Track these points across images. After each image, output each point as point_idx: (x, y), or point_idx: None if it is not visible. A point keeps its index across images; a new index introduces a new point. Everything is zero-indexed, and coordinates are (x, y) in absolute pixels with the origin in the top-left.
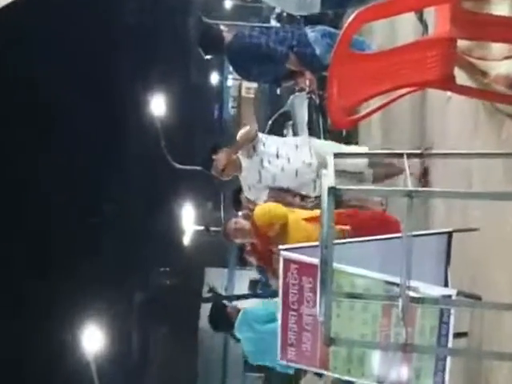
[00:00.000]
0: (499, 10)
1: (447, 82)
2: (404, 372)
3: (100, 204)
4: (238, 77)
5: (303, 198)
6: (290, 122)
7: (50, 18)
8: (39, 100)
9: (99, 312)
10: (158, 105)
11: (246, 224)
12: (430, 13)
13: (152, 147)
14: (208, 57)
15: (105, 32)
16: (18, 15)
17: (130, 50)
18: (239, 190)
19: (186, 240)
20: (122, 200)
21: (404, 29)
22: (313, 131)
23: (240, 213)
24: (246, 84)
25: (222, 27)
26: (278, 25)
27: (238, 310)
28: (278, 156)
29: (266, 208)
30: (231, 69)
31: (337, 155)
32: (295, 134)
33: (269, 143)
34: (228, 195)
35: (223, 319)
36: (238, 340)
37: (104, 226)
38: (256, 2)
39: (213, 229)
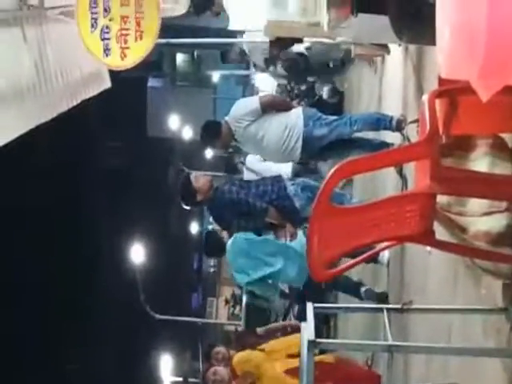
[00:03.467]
0: (478, 166)
1: (426, 237)
2: None
3: (77, 351)
4: (218, 227)
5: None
6: None
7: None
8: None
9: None
10: (136, 255)
11: (225, 374)
12: (409, 167)
13: (130, 297)
14: (188, 207)
15: (83, 179)
16: None
17: (107, 198)
18: (212, 346)
19: None
20: (100, 349)
21: (384, 182)
22: None
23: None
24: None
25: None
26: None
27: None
28: None
29: (245, 357)
30: (211, 219)
31: (316, 307)
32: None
33: None
34: (205, 347)
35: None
36: None
37: (80, 375)
38: (237, 153)
39: (191, 380)
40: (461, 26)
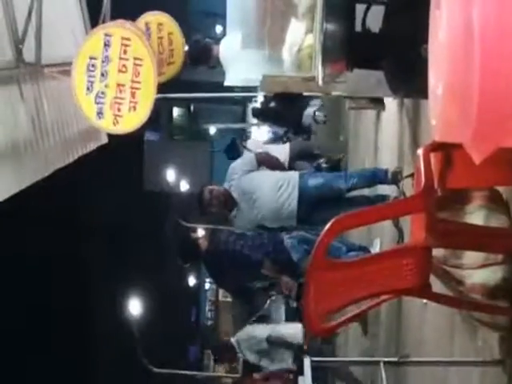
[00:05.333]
0: (474, 219)
1: (422, 291)
2: None
3: None
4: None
5: None
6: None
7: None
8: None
9: None
10: (133, 308)
11: None
12: (405, 220)
13: (128, 350)
14: (186, 265)
15: (79, 233)
16: None
17: (104, 253)
18: None
19: None
20: None
21: (380, 235)
22: None
23: None
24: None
25: (199, 231)
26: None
27: None
28: None
29: None
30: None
31: (314, 361)
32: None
33: None
34: None
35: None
36: None
37: None
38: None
39: None
40: (453, 89)
